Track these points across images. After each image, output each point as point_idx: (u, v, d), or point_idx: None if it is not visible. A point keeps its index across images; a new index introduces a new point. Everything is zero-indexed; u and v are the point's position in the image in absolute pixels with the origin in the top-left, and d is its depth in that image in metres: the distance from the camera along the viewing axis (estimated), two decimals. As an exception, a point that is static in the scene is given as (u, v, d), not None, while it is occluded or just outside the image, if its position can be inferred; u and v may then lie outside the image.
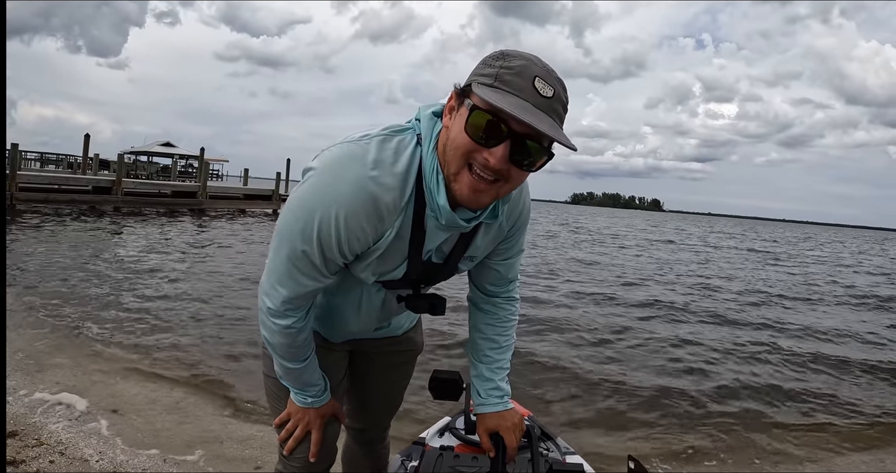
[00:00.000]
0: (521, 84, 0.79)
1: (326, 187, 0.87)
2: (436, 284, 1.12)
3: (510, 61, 0.81)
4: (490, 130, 0.80)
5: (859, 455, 3.29)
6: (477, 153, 0.82)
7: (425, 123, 0.91)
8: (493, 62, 0.82)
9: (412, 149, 0.90)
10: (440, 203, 0.88)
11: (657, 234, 31.54)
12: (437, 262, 1.03)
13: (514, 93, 0.79)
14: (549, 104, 0.80)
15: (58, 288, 6.00)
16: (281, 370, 1.13)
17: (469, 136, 0.81)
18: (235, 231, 15.00)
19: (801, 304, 9.08)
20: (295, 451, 1.21)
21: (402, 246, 0.95)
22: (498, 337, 1.22)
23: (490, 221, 0.99)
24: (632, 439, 3.30)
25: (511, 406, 1.21)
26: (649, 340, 5.68)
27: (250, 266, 8.67)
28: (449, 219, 0.90)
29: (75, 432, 2.67)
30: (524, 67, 0.80)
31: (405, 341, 1.36)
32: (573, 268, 11.64)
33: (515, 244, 1.12)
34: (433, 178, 0.88)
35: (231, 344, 4.48)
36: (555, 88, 0.81)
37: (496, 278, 1.17)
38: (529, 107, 0.78)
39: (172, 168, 27.95)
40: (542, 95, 0.80)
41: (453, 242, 1.02)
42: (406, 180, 0.89)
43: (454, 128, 0.84)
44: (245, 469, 2.52)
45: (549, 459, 1.32)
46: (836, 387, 4.52)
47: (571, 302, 7.64)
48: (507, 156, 0.81)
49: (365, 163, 0.86)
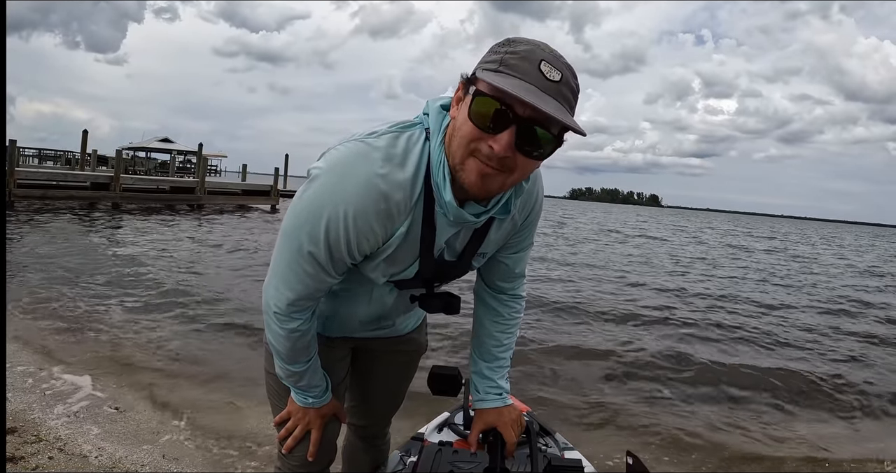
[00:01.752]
0: (526, 68, 0.76)
1: (334, 186, 0.85)
2: (449, 282, 1.09)
3: (515, 46, 0.78)
4: (494, 116, 0.77)
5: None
6: (482, 141, 0.79)
7: (433, 117, 0.88)
8: (499, 49, 0.80)
9: (421, 145, 0.87)
10: (446, 199, 0.86)
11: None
12: (451, 260, 1.00)
13: (519, 76, 0.76)
14: (556, 88, 0.77)
15: (57, 284, 5.99)
16: (283, 372, 1.11)
17: (473, 123, 0.78)
18: (234, 226, 14.98)
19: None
20: (294, 450, 1.21)
21: (413, 244, 0.93)
22: (500, 334, 1.21)
23: (503, 216, 0.96)
24: (631, 434, 3.30)
25: (510, 402, 1.20)
26: (649, 338, 5.69)
27: (250, 261, 8.68)
28: (456, 214, 0.88)
29: (74, 428, 2.67)
30: (530, 52, 0.77)
31: (409, 341, 1.35)
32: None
33: (526, 237, 1.10)
34: (440, 172, 0.85)
35: (233, 341, 4.47)
36: (562, 73, 0.78)
37: (504, 272, 1.15)
38: (535, 91, 0.75)
39: (171, 164, 27.88)
40: (549, 79, 0.76)
41: (466, 239, 0.99)
42: (416, 177, 0.87)
43: (459, 117, 0.82)
44: (245, 465, 2.52)
45: (547, 454, 1.32)
46: (830, 379, 4.54)
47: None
48: (513, 142, 0.78)
49: (373, 161, 0.84)
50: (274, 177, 24.68)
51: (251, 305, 5.63)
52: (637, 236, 23.54)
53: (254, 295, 6.17)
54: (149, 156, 31.47)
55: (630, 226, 32.86)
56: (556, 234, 20.32)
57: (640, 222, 43.06)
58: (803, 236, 43.61)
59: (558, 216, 39.28)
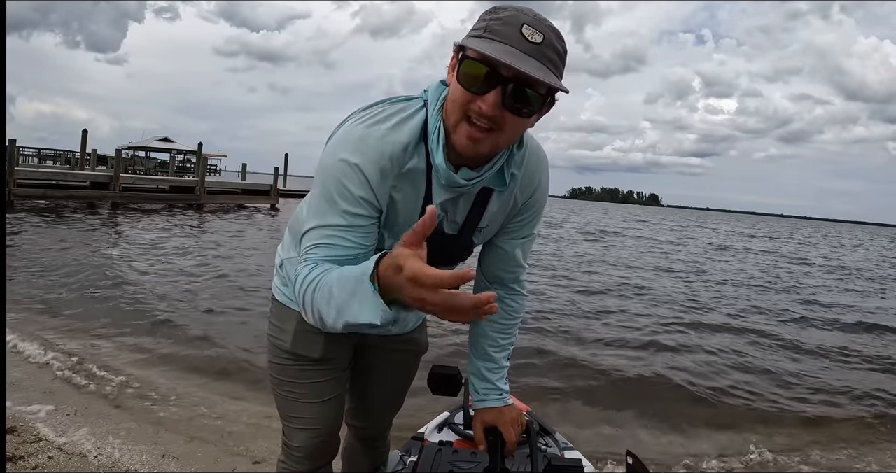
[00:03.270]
0: (507, 32, 0.81)
1: (335, 148, 0.91)
2: (454, 265, 1.11)
3: (500, 13, 0.83)
4: (481, 78, 0.82)
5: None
6: (472, 102, 0.84)
7: (433, 90, 0.95)
8: (486, 16, 0.85)
9: (420, 115, 0.93)
10: (437, 161, 0.91)
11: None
12: (452, 233, 1.03)
13: (500, 40, 0.81)
14: (538, 50, 0.81)
15: (56, 283, 5.99)
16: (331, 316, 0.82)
17: (462, 86, 0.84)
18: (233, 224, 14.98)
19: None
20: (294, 442, 1.23)
21: (412, 208, 0.96)
22: (498, 334, 1.21)
23: (501, 189, 1.00)
24: (630, 434, 3.31)
25: (510, 402, 1.20)
26: (647, 335, 5.68)
27: (252, 259, 8.68)
28: (448, 178, 0.92)
29: (74, 428, 2.66)
30: (512, 16, 0.82)
31: (410, 340, 1.35)
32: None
33: (527, 224, 1.11)
34: (434, 138, 0.91)
35: (234, 338, 4.47)
36: (545, 34, 0.82)
37: (504, 258, 1.15)
38: (515, 52, 0.80)
39: (170, 163, 27.85)
40: (530, 41, 0.81)
41: (466, 210, 1.02)
42: (413, 142, 0.92)
43: (452, 85, 0.88)
44: (245, 462, 2.52)
45: (547, 454, 1.32)
46: (831, 380, 4.54)
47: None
48: (500, 102, 0.82)
49: (372, 126, 0.90)
50: (274, 176, 24.69)
51: (257, 303, 5.64)
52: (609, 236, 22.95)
53: (258, 296, 6.16)
54: (148, 156, 31.44)
55: (614, 226, 32.19)
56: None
57: (634, 222, 42.92)
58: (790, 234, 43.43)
59: (547, 215, 38.96)
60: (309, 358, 1.20)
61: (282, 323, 1.23)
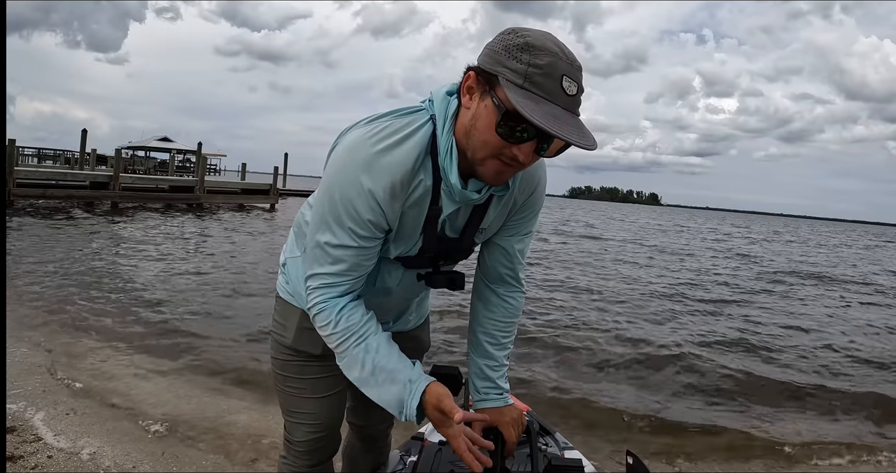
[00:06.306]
0: (550, 86, 0.81)
1: (339, 170, 0.92)
2: (455, 263, 1.14)
3: (538, 57, 0.81)
4: (521, 133, 0.84)
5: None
6: (506, 148, 0.86)
7: (439, 103, 0.93)
8: (520, 55, 0.81)
9: (425, 129, 0.92)
10: (452, 181, 0.92)
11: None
12: (453, 236, 1.04)
13: (545, 97, 0.81)
14: (574, 101, 0.83)
15: (57, 283, 5.99)
16: (356, 380, 1.02)
17: (500, 137, 0.85)
18: (233, 224, 14.98)
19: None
20: (295, 437, 1.25)
21: (417, 220, 0.98)
22: (498, 332, 1.21)
23: (502, 193, 1.02)
24: (630, 434, 3.30)
25: (511, 402, 1.20)
26: (647, 335, 5.69)
27: (252, 259, 8.68)
28: (462, 196, 0.95)
29: (74, 427, 2.66)
30: (552, 66, 0.81)
31: (412, 338, 1.35)
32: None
33: (526, 222, 1.12)
34: (447, 158, 0.91)
35: (232, 338, 4.47)
36: (578, 83, 0.83)
37: (502, 255, 1.15)
38: (559, 113, 0.81)
39: (170, 163, 27.83)
40: (569, 94, 0.82)
41: (467, 215, 1.03)
42: (418, 156, 0.92)
43: (481, 124, 0.86)
44: (245, 460, 2.52)
45: (547, 454, 1.32)
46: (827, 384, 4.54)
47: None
48: (536, 150, 0.86)
49: (371, 143, 0.90)
50: (273, 176, 24.69)
51: (259, 301, 5.64)
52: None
53: (260, 296, 6.16)
54: (148, 156, 31.45)
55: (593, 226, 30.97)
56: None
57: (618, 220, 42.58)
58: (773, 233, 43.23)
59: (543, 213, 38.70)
60: (310, 355, 1.21)
61: (284, 320, 1.23)
